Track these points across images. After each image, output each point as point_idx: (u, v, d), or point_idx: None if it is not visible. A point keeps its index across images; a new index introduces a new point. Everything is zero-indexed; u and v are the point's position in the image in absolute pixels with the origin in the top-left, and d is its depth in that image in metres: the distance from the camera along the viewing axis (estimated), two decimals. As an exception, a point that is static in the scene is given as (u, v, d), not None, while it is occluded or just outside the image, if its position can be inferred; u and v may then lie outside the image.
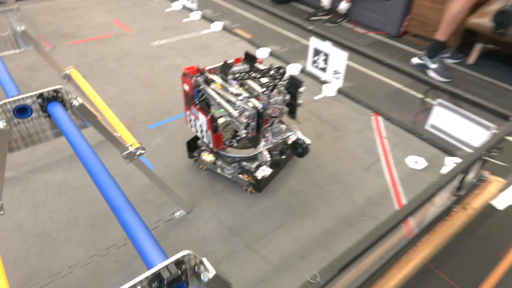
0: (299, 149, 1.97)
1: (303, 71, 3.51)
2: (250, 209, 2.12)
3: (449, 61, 3.91)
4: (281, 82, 1.92)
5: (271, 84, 1.84)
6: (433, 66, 3.55)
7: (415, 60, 3.70)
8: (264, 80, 2.01)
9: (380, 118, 2.93)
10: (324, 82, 3.31)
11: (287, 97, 1.92)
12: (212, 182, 2.27)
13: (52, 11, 4.66)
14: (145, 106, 2.94)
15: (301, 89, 1.92)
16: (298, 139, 1.97)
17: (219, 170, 2.23)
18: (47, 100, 1.31)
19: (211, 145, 2.13)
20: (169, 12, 4.78)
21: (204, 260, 0.86)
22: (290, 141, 2.07)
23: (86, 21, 4.41)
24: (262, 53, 3.78)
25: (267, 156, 1.88)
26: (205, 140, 2.16)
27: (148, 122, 2.77)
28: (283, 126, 2.02)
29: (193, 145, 2.37)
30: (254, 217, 2.07)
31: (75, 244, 1.88)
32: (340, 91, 3.22)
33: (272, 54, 3.80)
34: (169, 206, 2.10)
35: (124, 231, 0.85)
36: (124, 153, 1.57)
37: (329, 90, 3.18)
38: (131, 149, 1.59)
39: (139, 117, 2.81)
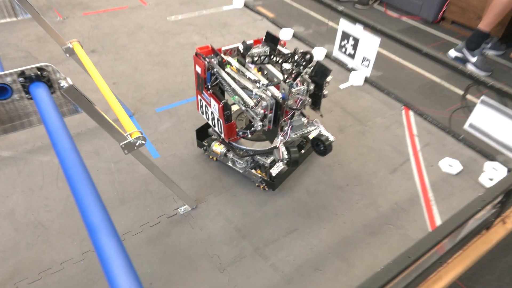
0: (321, 146, 1.74)
1: (328, 56, 3.22)
2: (262, 208, 1.91)
3: (491, 52, 3.54)
4: (305, 70, 1.68)
5: (295, 71, 1.60)
6: (473, 59, 3.21)
7: (452, 53, 3.35)
8: (286, 66, 1.77)
9: (411, 113, 2.65)
10: (351, 70, 3.02)
11: (311, 86, 1.67)
12: (222, 175, 2.08)
13: (67, -20, 4.45)
14: (155, 86, 2.74)
15: (328, 78, 1.68)
16: (320, 135, 1.73)
17: (230, 163, 2.02)
18: (30, 80, 1.11)
19: (222, 135, 1.92)
20: (188, -15, 4.50)
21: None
22: (311, 136, 1.84)
23: (101, -8, 4.19)
24: (285, 34, 3.50)
25: (284, 154, 1.65)
26: (216, 129, 1.95)
27: (157, 104, 2.57)
28: (304, 119, 1.79)
29: (203, 133, 2.16)
30: (265, 218, 1.87)
31: (69, 237, 1.73)
32: (368, 81, 2.94)
33: (295, 36, 3.52)
34: (173, 199, 1.92)
35: (99, 259, 0.66)
36: (122, 143, 1.38)
37: (356, 78, 2.90)
38: (130, 138, 1.39)
39: (148, 98, 2.61)
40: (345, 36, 2.97)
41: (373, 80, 2.93)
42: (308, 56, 1.54)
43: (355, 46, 2.92)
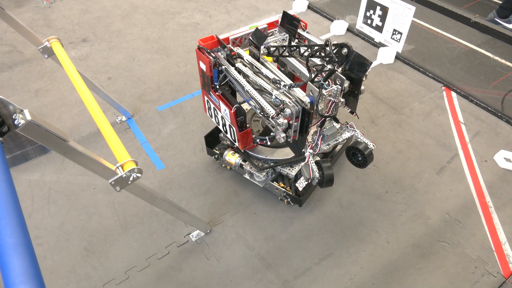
0: (358, 156, 1.40)
1: (351, 29, 2.80)
2: (288, 229, 1.62)
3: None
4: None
5: (327, 69, 1.24)
6: (510, 26, 2.77)
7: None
8: (315, 59, 1.40)
9: (454, 95, 2.26)
10: (379, 45, 2.61)
11: (346, 84, 1.31)
12: (238, 188, 1.77)
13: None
14: (156, 79, 2.39)
15: (367, 72, 1.31)
16: (357, 142, 1.39)
17: (247, 176, 1.71)
18: (-29, 119, 0.80)
19: (236, 144, 1.60)
20: (186, -46, 4.01)
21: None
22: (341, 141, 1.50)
23: (91, -32, 3.76)
24: (298, 6, 3.06)
25: (315, 172, 1.33)
26: (229, 136, 1.63)
27: (159, 101, 2.24)
28: (336, 125, 1.44)
29: (213, 138, 1.84)
30: (293, 241, 1.58)
31: (64, 277, 1.47)
32: (399, 57, 2.53)
33: (311, 8, 3.08)
34: (183, 222, 1.64)
35: None
36: (111, 180, 1.07)
37: (386, 55, 2.50)
38: (121, 173, 1.08)
39: (148, 95, 2.28)
40: (371, 4, 2.53)
41: (405, 56, 2.52)
42: (345, 50, 1.18)
43: (383, 17, 2.50)
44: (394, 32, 2.47)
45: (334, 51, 1.20)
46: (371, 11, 2.56)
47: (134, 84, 2.36)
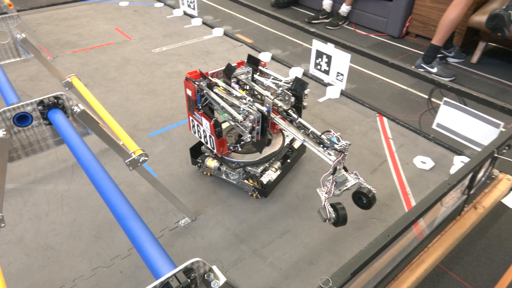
0: (363, 199, 1.69)
1: (305, 74, 3.48)
2: (256, 215, 2.07)
3: (453, 60, 3.87)
4: (285, 84, 1.89)
5: (278, 89, 1.81)
6: (434, 70, 3.54)
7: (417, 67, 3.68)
8: (269, 83, 1.98)
9: (385, 119, 2.89)
10: (327, 85, 3.28)
11: (292, 99, 1.88)
12: (217, 189, 2.23)
13: (54, 21, 4.67)
14: (147, 113, 2.92)
15: (306, 91, 1.89)
16: (362, 187, 1.67)
17: (223, 176, 2.19)
18: (48, 107, 1.28)
19: (215, 151, 2.09)
20: (170, 18, 4.78)
21: (214, 268, 0.82)
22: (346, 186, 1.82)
23: (88, 30, 4.42)
24: (264, 57, 3.76)
25: (331, 213, 1.72)
26: (209, 145, 2.13)
27: (150, 129, 2.74)
28: (346, 174, 1.84)
29: (196, 151, 2.34)
30: (260, 223, 2.02)
31: (78, 256, 1.84)
32: (343, 93, 3.19)
33: (274, 58, 3.78)
34: (173, 214, 2.07)
35: (130, 240, 0.82)
36: (127, 160, 1.54)
37: (333, 92, 3.15)
38: (134, 156, 1.55)
39: (141, 125, 2.78)
40: (319, 54, 3.23)
41: (348, 92, 3.18)
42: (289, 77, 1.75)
43: (328, 63, 3.19)
44: (338, 74, 3.15)
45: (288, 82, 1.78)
46: (320, 59, 3.25)
47: (129, 118, 2.87)
